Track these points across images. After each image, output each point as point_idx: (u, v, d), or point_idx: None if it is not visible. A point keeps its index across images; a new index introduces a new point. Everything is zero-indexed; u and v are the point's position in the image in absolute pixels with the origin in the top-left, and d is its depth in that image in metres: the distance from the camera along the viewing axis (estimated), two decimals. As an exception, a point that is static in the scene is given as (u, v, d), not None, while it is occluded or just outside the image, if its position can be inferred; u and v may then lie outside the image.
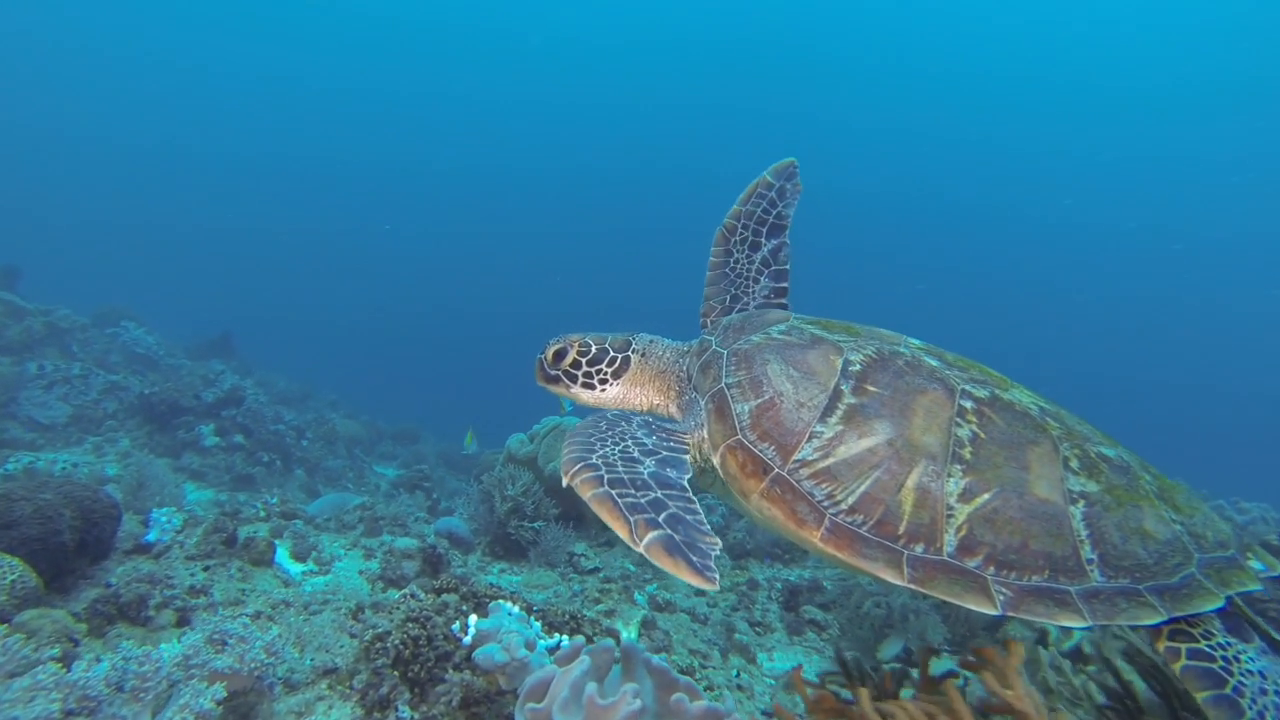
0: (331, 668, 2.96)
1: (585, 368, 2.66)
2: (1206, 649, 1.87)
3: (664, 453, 2.08)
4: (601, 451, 2.00)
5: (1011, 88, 52.79)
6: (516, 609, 3.24)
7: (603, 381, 2.66)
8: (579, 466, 1.91)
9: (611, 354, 2.66)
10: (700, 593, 5.25)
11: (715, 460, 2.18)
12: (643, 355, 2.67)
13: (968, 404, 2.05)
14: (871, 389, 2.08)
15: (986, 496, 1.91)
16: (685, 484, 1.94)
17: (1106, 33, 48.02)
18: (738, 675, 3.96)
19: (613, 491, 1.81)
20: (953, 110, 53.99)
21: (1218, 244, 53.60)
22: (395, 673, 2.87)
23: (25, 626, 2.86)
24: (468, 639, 3.10)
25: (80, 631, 3.06)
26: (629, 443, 2.09)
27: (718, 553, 1.69)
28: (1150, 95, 48.93)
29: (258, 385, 12.11)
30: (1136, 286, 58.02)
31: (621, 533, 1.69)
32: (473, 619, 3.18)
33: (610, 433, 2.14)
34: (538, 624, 3.24)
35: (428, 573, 4.44)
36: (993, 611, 1.79)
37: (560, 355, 2.68)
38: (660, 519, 1.73)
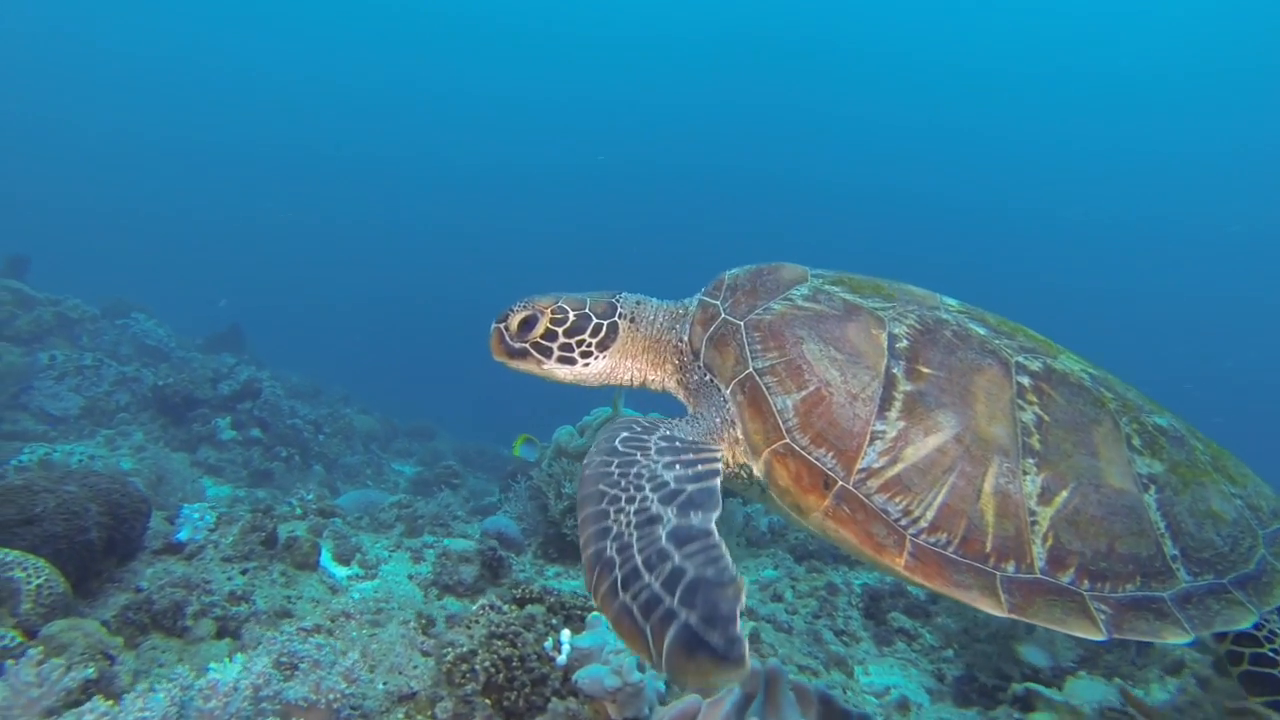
0: (408, 693, 2.55)
1: (563, 339, 2.17)
2: (1270, 653, 1.80)
3: (689, 488, 1.63)
4: (617, 529, 1.56)
5: (1028, 83, 52.44)
6: (614, 622, 2.82)
7: (586, 355, 2.18)
8: (598, 572, 1.50)
9: (595, 320, 2.18)
10: (778, 597, 4.83)
11: (757, 468, 1.82)
12: (632, 321, 2.21)
13: (1025, 380, 1.81)
14: (926, 370, 1.80)
15: (1065, 494, 1.69)
16: (711, 526, 1.53)
17: (1126, 25, 47.67)
18: (844, 694, 3.54)
19: (625, 597, 1.42)
20: (962, 106, 53.64)
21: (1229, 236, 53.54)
22: (487, 701, 2.45)
23: (55, 641, 2.44)
24: (562, 658, 2.69)
25: (116, 645, 2.64)
26: (646, 491, 1.64)
27: (744, 603, 1.36)
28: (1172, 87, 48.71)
29: (273, 378, 11.66)
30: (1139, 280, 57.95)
31: (641, 655, 1.35)
32: (565, 634, 2.76)
33: (624, 481, 1.66)
34: (639, 640, 2.82)
35: (487, 578, 4.02)
36: (1098, 637, 1.58)
37: (528, 324, 2.17)
38: (675, 602, 1.35)
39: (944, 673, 4.15)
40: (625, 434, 1.81)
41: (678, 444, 1.80)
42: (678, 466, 1.70)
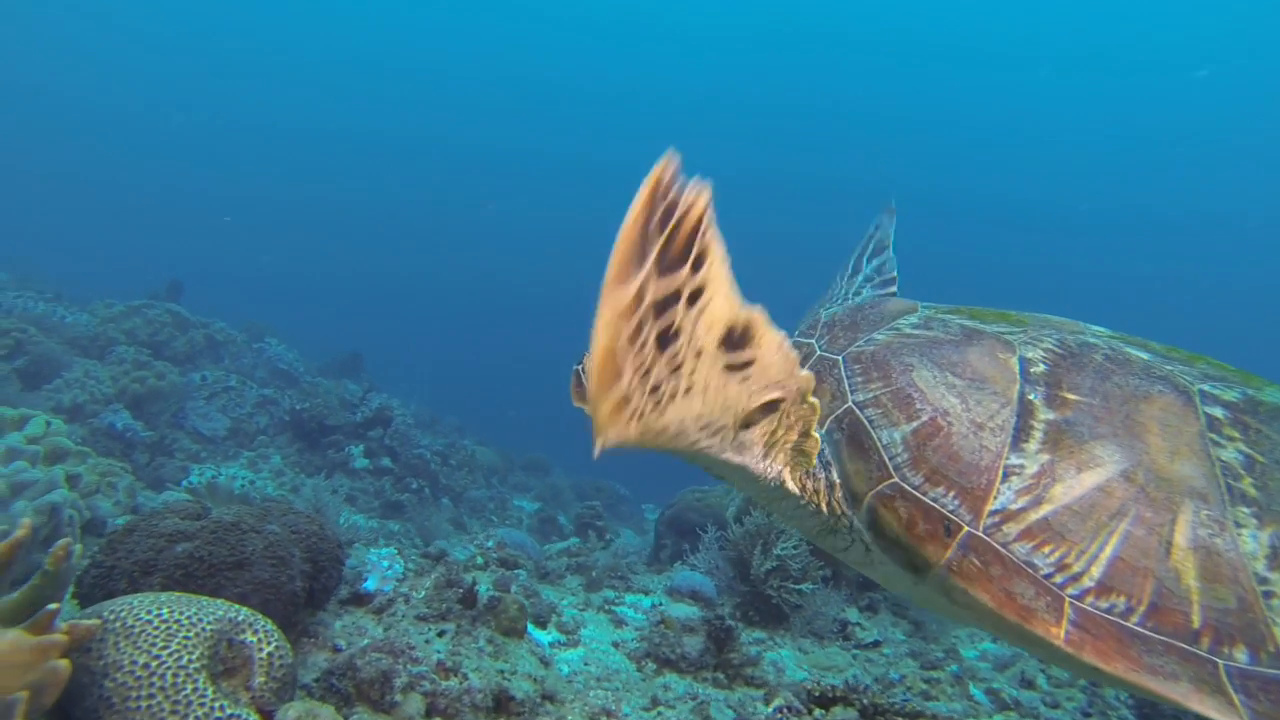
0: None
1: None
2: None
3: None
4: None
5: (1039, 72, 49.32)
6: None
7: None
8: None
9: None
10: (1029, 683, 3.99)
11: (859, 518, 1.55)
12: None
13: (1218, 412, 1.45)
14: (1072, 397, 1.48)
15: None
16: None
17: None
18: None
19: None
20: (970, 96, 50.64)
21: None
22: None
23: (294, 734, 1.96)
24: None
25: (352, 739, 2.15)
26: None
27: None
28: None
29: (401, 406, 11.58)
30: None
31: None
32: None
33: None
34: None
35: (712, 651, 3.41)
36: None
37: None
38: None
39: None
40: None
41: None
42: None
